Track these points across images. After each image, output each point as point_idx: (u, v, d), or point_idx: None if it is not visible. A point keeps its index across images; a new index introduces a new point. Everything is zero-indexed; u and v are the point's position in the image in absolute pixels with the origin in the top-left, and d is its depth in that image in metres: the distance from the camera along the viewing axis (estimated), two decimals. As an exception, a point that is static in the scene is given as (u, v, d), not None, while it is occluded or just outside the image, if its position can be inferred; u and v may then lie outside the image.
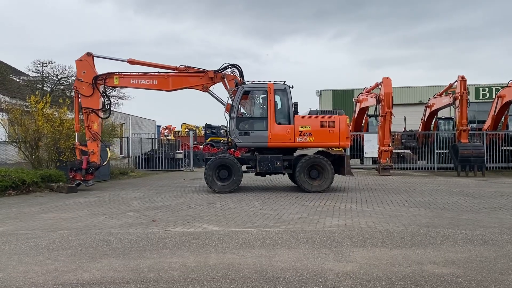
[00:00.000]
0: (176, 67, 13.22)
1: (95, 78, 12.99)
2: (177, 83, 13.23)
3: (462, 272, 4.75)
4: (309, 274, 4.72)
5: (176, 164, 22.53)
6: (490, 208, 9.25)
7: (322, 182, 12.33)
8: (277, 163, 12.44)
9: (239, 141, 12.47)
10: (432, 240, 6.29)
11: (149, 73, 13.32)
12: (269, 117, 12.42)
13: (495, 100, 20.78)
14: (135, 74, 13.27)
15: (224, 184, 12.24)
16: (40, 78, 23.14)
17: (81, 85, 13.14)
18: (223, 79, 13.05)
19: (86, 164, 13.12)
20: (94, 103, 13.17)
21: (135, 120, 28.73)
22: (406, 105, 33.33)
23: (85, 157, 13.13)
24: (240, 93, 12.48)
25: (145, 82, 13.26)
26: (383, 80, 18.91)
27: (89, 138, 13.20)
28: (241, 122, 12.66)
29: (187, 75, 13.23)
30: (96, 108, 13.17)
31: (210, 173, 12.22)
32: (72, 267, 5.02)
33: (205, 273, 4.77)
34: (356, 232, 6.85)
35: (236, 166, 12.27)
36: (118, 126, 23.65)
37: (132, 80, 13.29)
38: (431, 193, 11.89)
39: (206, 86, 13.09)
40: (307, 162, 12.36)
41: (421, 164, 21.40)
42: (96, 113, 13.17)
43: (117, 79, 13.23)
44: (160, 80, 13.22)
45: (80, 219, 8.25)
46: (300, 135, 12.40)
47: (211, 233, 6.79)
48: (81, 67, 13.15)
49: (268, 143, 12.45)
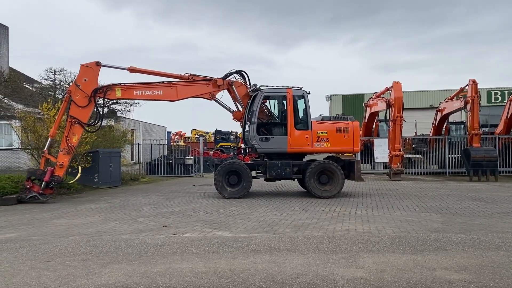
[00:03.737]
0: (180, 75, 12.88)
1: (95, 90, 12.29)
2: (183, 92, 12.75)
3: (474, 278, 4.70)
4: (319, 279, 4.70)
5: (186, 170, 22.63)
6: (503, 213, 9.13)
7: (332, 187, 12.29)
8: (286, 168, 12.42)
9: (259, 146, 12.39)
10: (444, 245, 6.23)
11: (154, 83, 12.75)
12: (289, 122, 12.41)
13: (508, 104, 20.58)
14: (139, 85, 12.63)
15: (234, 189, 12.25)
16: (52, 85, 23.45)
17: (77, 92, 12.26)
18: (231, 86, 12.91)
19: (49, 177, 11.92)
20: (83, 115, 12.35)
21: (146, 126, 28.97)
22: (416, 109, 33.08)
23: (50, 168, 12.05)
24: (260, 98, 12.41)
25: (150, 93, 12.59)
26: (393, 84, 18.82)
27: (63, 149, 12.17)
28: (262, 127, 12.58)
29: (194, 84, 12.89)
30: (83, 121, 12.36)
31: (220, 178, 12.24)
32: (84, 273, 5.06)
33: (215, 278, 4.78)
34: (367, 237, 6.81)
35: (245, 172, 12.28)
36: (129, 132, 23.85)
37: (136, 91, 12.62)
38: (443, 198, 11.77)
39: (213, 94, 12.82)
40: (317, 168, 12.33)
41: (432, 169, 21.24)
42: (81, 125, 12.35)
43: (119, 91, 12.54)
44: (165, 90, 12.67)
45: (91, 225, 8.33)
46: (317, 141, 12.46)
47: (221, 239, 6.80)
48: (84, 74, 12.39)
49: (288, 149, 12.44)
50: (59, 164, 12.08)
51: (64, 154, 12.17)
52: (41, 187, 11.89)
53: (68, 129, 12.20)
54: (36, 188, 11.90)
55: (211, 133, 50.77)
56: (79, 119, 12.21)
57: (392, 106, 18.63)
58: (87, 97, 12.25)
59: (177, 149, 27.20)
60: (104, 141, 17.73)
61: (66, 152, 12.16)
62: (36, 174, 12.04)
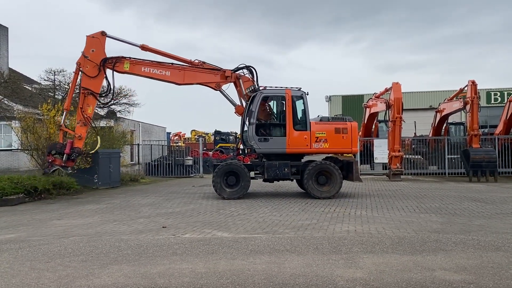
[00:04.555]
0: (190, 61, 12.94)
1: (104, 60, 12.44)
2: (190, 77, 12.86)
3: (473, 279, 4.70)
4: (318, 280, 4.71)
5: (185, 171, 22.64)
6: (502, 214, 9.14)
7: (331, 188, 12.30)
8: (285, 169, 12.43)
9: (258, 147, 12.40)
10: (443, 246, 6.24)
11: (163, 63, 12.88)
12: (288, 123, 12.43)
13: (507, 104, 20.62)
14: (148, 62, 12.76)
15: (232, 190, 12.26)
16: (51, 86, 23.45)
17: (86, 63, 12.39)
18: (238, 79, 12.95)
19: (69, 149, 12.11)
20: (95, 85, 12.49)
21: (146, 127, 28.96)
22: (416, 110, 33.12)
23: (69, 141, 12.24)
24: (259, 98, 12.42)
25: (157, 72, 12.71)
26: (393, 85, 18.86)
27: (80, 121, 12.36)
28: (261, 128, 12.59)
29: (202, 71, 12.99)
30: (96, 92, 12.50)
31: (218, 179, 12.24)
32: (84, 273, 5.06)
33: (214, 279, 4.78)
34: (366, 238, 6.81)
35: (244, 173, 12.29)
36: (129, 133, 23.85)
37: (144, 68, 12.69)
38: (442, 199, 11.78)
39: (219, 84, 12.90)
40: (315, 168, 12.34)
41: (432, 170, 21.27)
42: (94, 96, 12.51)
43: (128, 65, 12.60)
44: (173, 72, 12.78)
45: (91, 225, 8.33)
46: (316, 141, 12.50)
47: (221, 239, 6.80)
48: (91, 45, 12.49)
49: (287, 149, 12.45)
50: (77, 136, 12.32)
51: (81, 126, 12.38)
52: (62, 160, 12.17)
53: (82, 101, 12.38)
54: (58, 162, 12.23)
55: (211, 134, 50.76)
56: (91, 90, 12.36)
57: (391, 106, 18.67)
58: (97, 66, 12.39)
59: (176, 149, 27.22)
60: (103, 141, 17.70)
61: (83, 124, 12.39)
62: (56, 147, 12.26)
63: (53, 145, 12.45)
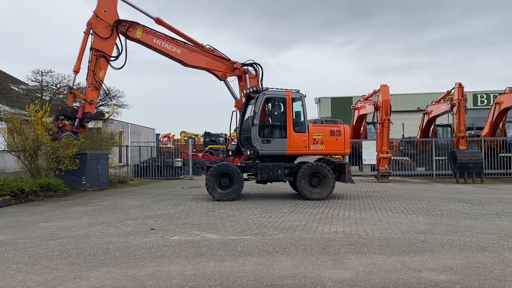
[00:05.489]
0: (202, 45, 12.85)
1: (117, 21, 12.00)
2: (199, 60, 12.77)
3: (459, 279, 4.77)
4: (307, 281, 4.73)
5: (175, 172, 22.54)
6: (488, 215, 9.27)
7: (323, 189, 12.38)
8: (278, 170, 12.46)
9: (262, 148, 12.36)
10: (430, 247, 6.31)
11: (176, 40, 12.66)
12: (288, 125, 12.51)
13: (493, 107, 20.88)
14: (161, 35, 12.46)
15: (225, 192, 12.24)
16: (39, 87, 23.18)
17: (98, 23, 11.78)
18: (245, 74, 12.93)
19: (81, 114, 11.44)
20: (108, 48, 11.93)
21: (134, 128, 28.76)
22: (404, 112, 33.45)
23: (81, 105, 11.59)
24: (262, 99, 12.41)
25: (168, 47, 12.42)
26: (381, 87, 19.02)
27: (91, 85, 11.70)
28: (264, 129, 12.57)
29: (211, 57, 12.94)
30: (108, 54, 11.90)
31: (212, 180, 12.22)
32: (71, 276, 5.03)
33: (203, 281, 4.78)
34: (354, 239, 6.86)
35: (237, 174, 12.29)
36: (117, 134, 23.68)
37: (156, 39, 12.38)
38: (430, 200, 11.91)
39: (225, 75, 12.89)
40: (308, 170, 12.40)
41: (419, 171, 21.45)
42: (107, 59, 11.90)
43: (141, 32, 12.21)
44: (184, 50, 12.61)
45: (79, 227, 8.26)
46: (313, 143, 12.63)
47: (210, 241, 6.80)
48: (103, 4, 11.98)
49: (287, 151, 12.52)
50: (88, 100, 11.65)
51: (92, 90, 11.71)
52: (74, 125, 11.53)
53: (94, 63, 11.76)
54: (69, 127, 11.55)
55: (200, 135, 50.71)
56: (104, 52, 11.82)
57: (379, 108, 18.83)
58: (109, 27, 11.91)
59: (166, 151, 27.09)
60: (91, 143, 17.60)
61: (94, 88, 11.73)
62: (66, 112, 11.54)
63: (63, 110, 11.69)
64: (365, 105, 21.98)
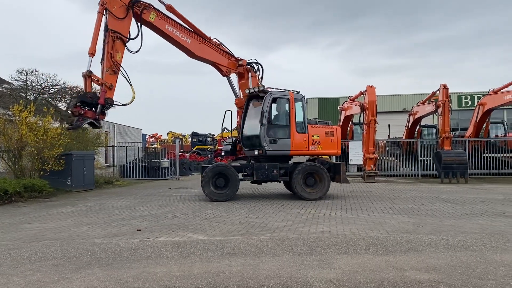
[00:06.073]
0: (210, 38, 12.74)
1: (133, 1, 11.54)
2: (206, 52, 12.65)
3: (443, 278, 4.83)
4: (293, 281, 4.75)
5: (162, 173, 22.42)
6: (471, 214, 9.41)
7: (319, 189, 12.47)
8: (273, 171, 12.49)
9: (269, 148, 12.35)
10: (415, 246, 6.38)
11: (187, 29, 12.43)
12: (291, 125, 12.62)
13: (477, 108, 21.23)
14: (174, 22, 12.16)
15: (221, 192, 12.22)
16: (23, 86, 22.83)
17: (113, 2, 11.24)
18: (248, 72, 12.96)
19: (104, 99, 10.79)
20: (124, 28, 11.37)
21: (121, 128, 28.52)
22: (390, 113, 33.78)
23: (103, 90, 10.92)
24: (270, 99, 12.44)
25: (179, 35, 12.14)
26: (367, 88, 19.17)
27: (108, 69, 11.07)
28: (271, 129, 12.57)
29: (218, 50, 12.88)
30: (125, 35, 11.36)
31: (207, 181, 12.18)
32: (55, 278, 4.97)
33: (189, 282, 4.77)
34: (340, 239, 6.91)
35: (233, 175, 12.28)
36: (103, 134, 23.44)
37: (168, 26, 12.05)
38: (415, 200, 12.04)
39: (230, 70, 12.88)
40: (304, 170, 12.46)
41: (405, 171, 21.67)
42: (123, 41, 11.33)
43: (154, 16, 11.82)
44: (193, 41, 12.41)
45: (64, 229, 8.17)
46: (312, 144, 12.80)
47: (196, 242, 6.78)
48: None
49: (291, 151, 12.64)
50: (108, 85, 11.01)
51: (110, 74, 11.09)
52: (96, 112, 10.88)
53: (111, 45, 11.16)
54: (91, 114, 10.86)
55: (188, 136, 50.52)
56: (120, 33, 11.28)
57: (366, 109, 18.98)
58: (124, 7, 11.46)
59: (152, 151, 26.93)
60: (77, 143, 17.41)
61: (112, 72, 11.12)
62: (86, 98, 10.80)
63: (83, 95, 10.84)
64: (351, 106, 22.15)
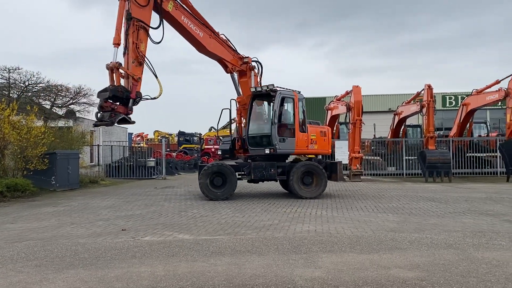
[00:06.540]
0: (218, 33, 12.61)
1: None
2: (215, 47, 12.49)
3: (426, 276, 4.89)
4: (278, 280, 4.76)
5: (148, 172, 22.25)
6: (455, 213, 9.54)
7: (316, 188, 12.54)
8: (271, 170, 12.52)
9: (280, 147, 12.42)
10: (399, 244, 6.45)
11: (202, 23, 12.13)
12: (296, 124, 12.73)
13: (460, 108, 21.54)
14: (189, 14, 11.78)
15: (219, 191, 12.20)
16: (6, 84, 22.46)
17: None
18: (250, 70, 12.97)
19: (135, 93, 10.29)
20: (147, 17, 10.85)
21: (106, 127, 28.22)
22: (376, 112, 34.05)
23: (134, 83, 10.34)
24: (279, 98, 12.48)
25: (193, 28, 11.82)
26: (353, 88, 19.31)
27: (135, 60, 10.48)
28: (280, 128, 12.61)
29: (225, 46, 12.80)
30: (148, 24, 10.84)
31: (205, 180, 12.15)
32: (37, 279, 4.90)
33: (174, 282, 4.75)
34: (326, 238, 6.95)
35: (231, 174, 12.28)
36: (88, 133, 23.20)
37: (184, 17, 11.68)
38: (399, 199, 12.17)
39: (235, 67, 12.82)
40: (302, 169, 12.52)
41: (390, 170, 21.88)
42: (146, 31, 10.81)
43: (172, 6, 11.40)
44: (205, 35, 12.17)
45: (47, 229, 8.06)
46: (311, 143, 12.99)
47: (182, 242, 6.75)
48: None
49: (295, 150, 12.80)
50: (136, 77, 10.39)
51: (136, 66, 10.47)
52: (127, 106, 10.23)
53: (136, 35, 10.56)
54: (123, 109, 10.18)
55: (174, 135, 50.27)
56: (144, 22, 10.71)
57: (352, 109, 19.12)
58: None
59: (138, 150, 26.73)
60: (62, 142, 17.20)
61: (138, 64, 10.53)
62: (117, 91, 10.01)
63: (114, 89, 10.04)
64: (337, 106, 22.30)
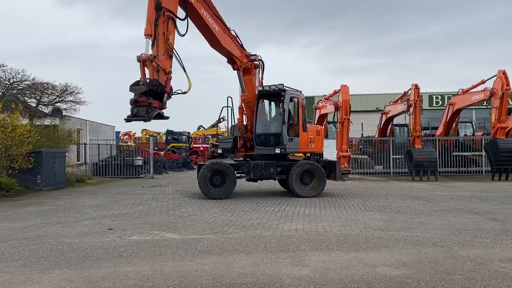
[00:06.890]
0: (229, 28, 12.38)
1: None
2: (228, 43, 12.35)
3: (412, 273, 4.94)
4: (265, 279, 4.76)
5: (135, 171, 22.10)
6: (441, 211, 9.65)
7: (315, 187, 12.60)
8: (270, 169, 12.55)
9: (289, 147, 12.50)
10: (386, 243, 6.50)
11: (219, 18, 11.88)
12: (300, 124, 12.85)
13: (447, 108, 21.76)
14: (207, 7, 11.44)
15: (218, 190, 12.17)
16: (-10, 81, 22.08)
17: None
18: (256, 69, 13.01)
19: (169, 87, 9.96)
20: (174, 7, 10.37)
21: (93, 126, 27.93)
22: (363, 112, 34.21)
23: (169, 76, 10.06)
24: (288, 98, 12.52)
25: (211, 22, 11.52)
26: (341, 87, 19.38)
27: (165, 53, 10.07)
28: (289, 128, 12.65)
29: (235, 43, 12.70)
30: (176, 15, 10.35)
31: (204, 179, 12.12)
32: (21, 279, 4.83)
33: (161, 281, 4.72)
34: (313, 236, 6.97)
35: (230, 173, 12.26)
36: (75, 132, 22.94)
37: (204, 10, 11.27)
38: (387, 197, 12.27)
39: (242, 64, 12.76)
40: (301, 168, 12.55)
41: (377, 169, 22.03)
42: (174, 22, 10.33)
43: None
44: (220, 30, 11.96)
45: (32, 228, 7.95)
46: (310, 142, 13.20)
47: (169, 241, 6.72)
48: None
49: (299, 149, 12.95)
50: (167, 71, 10.06)
51: (166, 58, 10.09)
52: (162, 101, 9.85)
53: (166, 26, 10.13)
54: (158, 104, 9.79)
55: (162, 134, 49.95)
56: (173, 12, 10.28)
57: (340, 108, 19.19)
58: None
59: (126, 149, 26.51)
60: (48, 140, 16.95)
61: (168, 56, 10.14)
62: (153, 86, 9.62)
63: (151, 83, 9.63)
64: (326, 105, 22.36)
